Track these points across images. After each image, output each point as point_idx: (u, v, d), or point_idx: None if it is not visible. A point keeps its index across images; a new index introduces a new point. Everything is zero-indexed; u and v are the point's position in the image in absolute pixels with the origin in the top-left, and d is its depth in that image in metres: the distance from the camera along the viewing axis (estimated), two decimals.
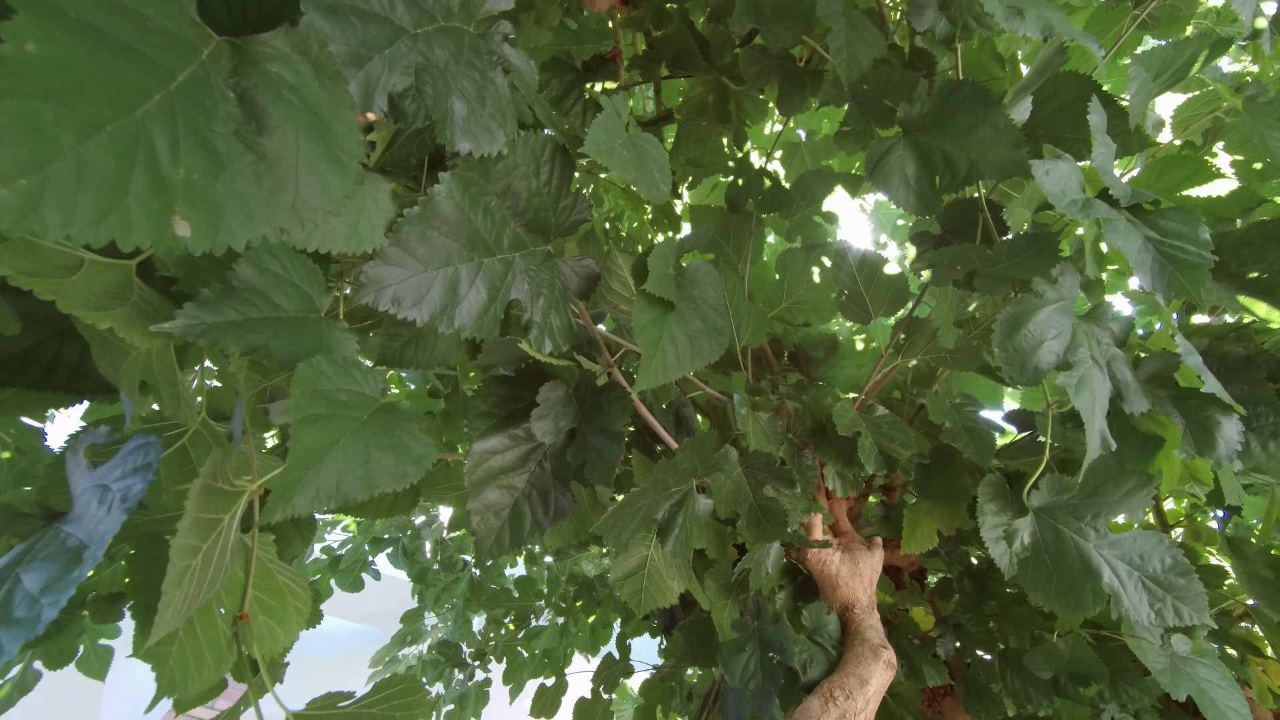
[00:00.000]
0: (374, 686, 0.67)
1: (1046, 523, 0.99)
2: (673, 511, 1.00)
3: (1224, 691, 1.08)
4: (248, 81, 0.42)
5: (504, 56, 0.67)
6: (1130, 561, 0.94)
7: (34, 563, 0.48)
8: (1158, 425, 0.94)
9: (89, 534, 0.49)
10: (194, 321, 0.52)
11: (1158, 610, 0.92)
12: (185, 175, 0.37)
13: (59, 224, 0.32)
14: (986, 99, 0.88)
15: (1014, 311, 0.80)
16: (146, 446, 0.55)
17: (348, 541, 3.07)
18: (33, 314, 0.66)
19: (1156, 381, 0.95)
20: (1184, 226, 0.80)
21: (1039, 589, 0.96)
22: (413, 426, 0.61)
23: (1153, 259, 0.78)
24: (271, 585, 0.69)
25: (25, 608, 0.45)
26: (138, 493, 0.51)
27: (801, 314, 1.58)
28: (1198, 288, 0.76)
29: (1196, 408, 0.91)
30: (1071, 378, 0.77)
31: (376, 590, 3.07)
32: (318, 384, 0.55)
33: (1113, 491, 0.96)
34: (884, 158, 0.94)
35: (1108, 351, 0.86)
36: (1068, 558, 0.95)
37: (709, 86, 1.51)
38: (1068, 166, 0.79)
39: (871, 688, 1.16)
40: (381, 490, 0.56)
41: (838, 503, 1.54)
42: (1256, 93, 1.06)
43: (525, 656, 2.60)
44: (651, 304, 0.80)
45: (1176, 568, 0.94)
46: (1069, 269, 0.86)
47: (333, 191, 0.45)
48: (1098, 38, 1.36)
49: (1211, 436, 0.89)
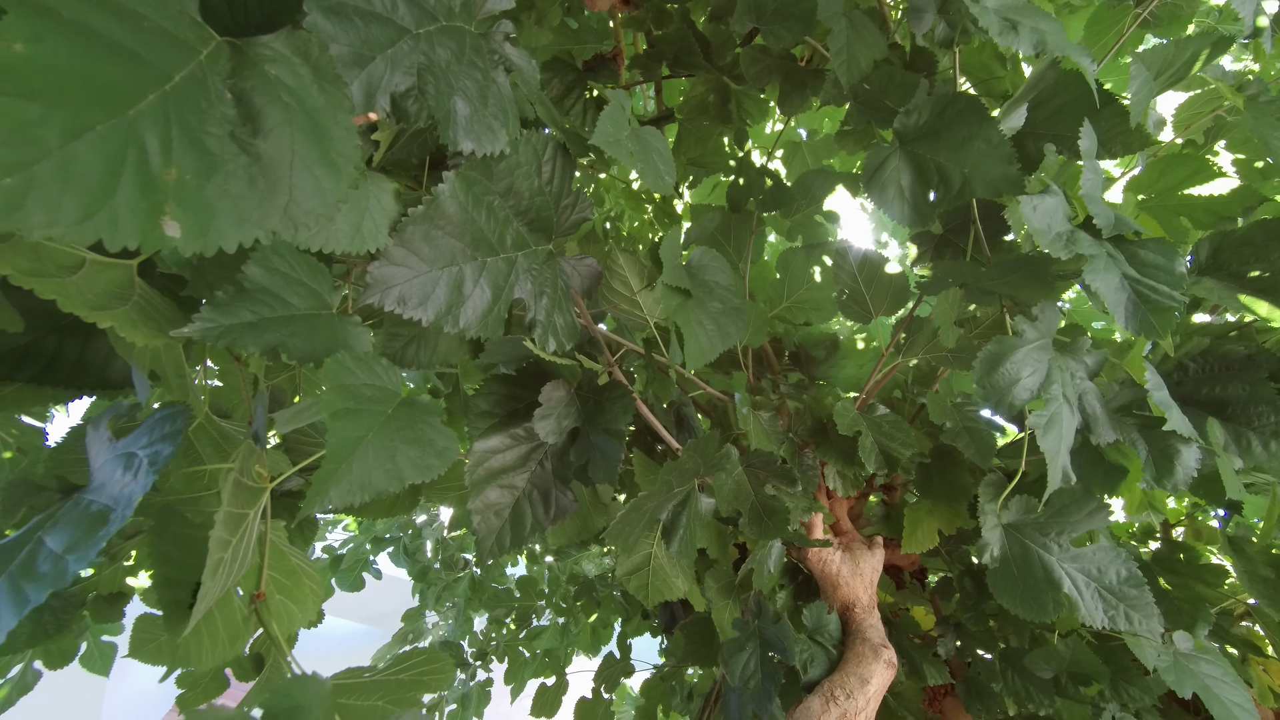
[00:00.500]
0: (396, 658, 0.69)
1: (1015, 537, 1.08)
2: (676, 512, 1.00)
3: (1229, 687, 1.08)
4: (246, 83, 0.42)
5: (505, 56, 0.67)
6: (1089, 574, 1.04)
7: (56, 526, 0.49)
8: (1122, 456, 1.04)
9: (113, 497, 0.50)
10: (211, 324, 0.53)
11: (1111, 616, 1.02)
12: (177, 176, 0.37)
13: (43, 223, 0.32)
14: (981, 113, 0.88)
15: (994, 350, 0.86)
16: (174, 415, 0.56)
17: (349, 541, 3.08)
18: (33, 309, 0.66)
19: (1125, 411, 1.05)
20: (1162, 259, 0.83)
21: (1005, 595, 1.05)
22: (435, 420, 0.61)
23: (1127, 299, 0.82)
24: (286, 567, 0.70)
25: (49, 564, 0.47)
26: (165, 455, 0.52)
27: (802, 313, 1.58)
28: (1167, 330, 0.80)
29: (1161, 436, 1.00)
30: (1041, 418, 0.85)
31: (377, 590, 3.08)
32: (344, 378, 0.56)
33: (1076, 512, 1.06)
34: (880, 168, 0.95)
35: (1080, 385, 0.93)
36: (1033, 569, 1.04)
37: (710, 86, 1.51)
38: (1054, 201, 0.81)
39: (872, 687, 1.16)
40: (410, 482, 0.56)
41: (838, 502, 1.54)
42: (1258, 91, 1.06)
43: (527, 656, 2.60)
44: (673, 294, 0.83)
45: (1130, 579, 1.03)
46: (1049, 306, 0.92)
47: (326, 195, 0.45)
48: (1096, 41, 1.37)
49: (1171, 464, 0.98)
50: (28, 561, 0.47)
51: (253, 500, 0.59)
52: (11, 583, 0.46)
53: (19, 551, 0.48)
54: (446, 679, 0.69)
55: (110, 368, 0.70)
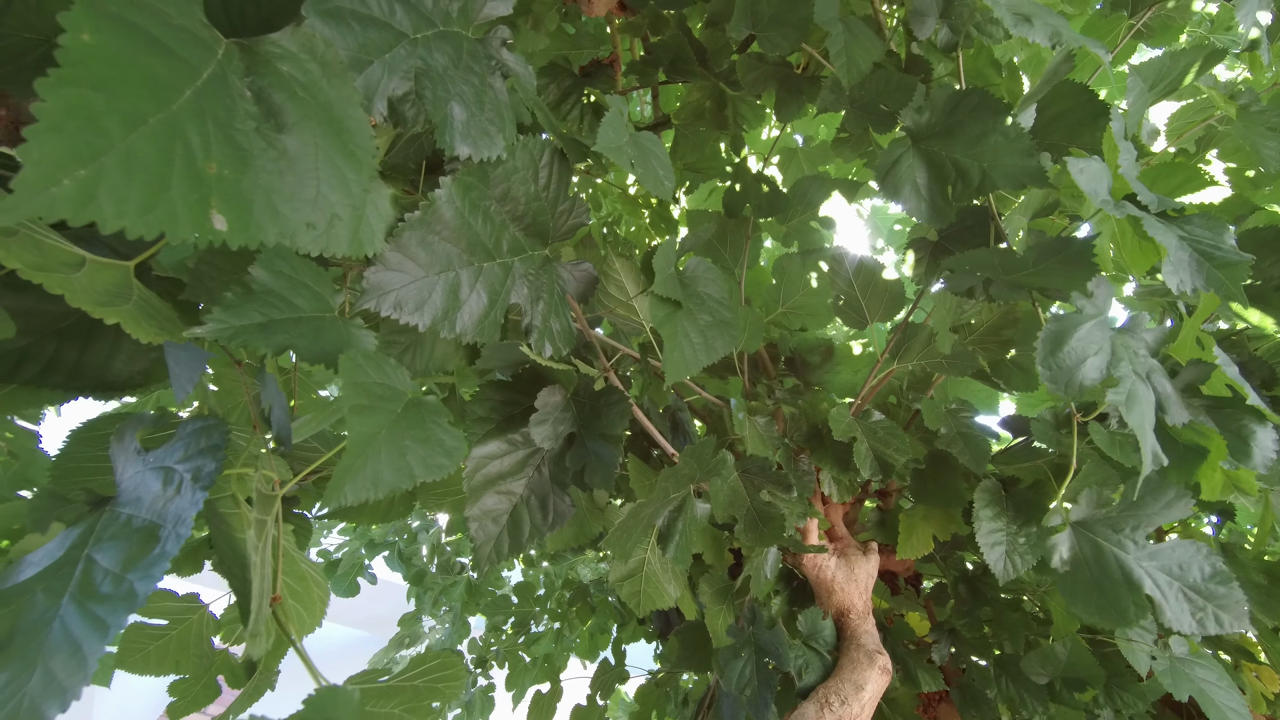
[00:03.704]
0: (411, 661, 0.68)
1: (1085, 536, 0.98)
2: (672, 517, 1.00)
3: (1223, 692, 1.09)
4: (262, 80, 0.42)
5: (502, 61, 0.67)
6: (1170, 572, 0.94)
7: (102, 543, 0.48)
8: (1199, 436, 0.92)
9: (158, 514, 0.49)
10: (223, 325, 0.53)
11: (1199, 619, 0.92)
12: (217, 170, 0.37)
13: (114, 215, 0.32)
14: (996, 107, 0.88)
15: (1055, 329, 0.80)
16: (210, 429, 0.55)
17: (343, 545, 3.06)
18: (30, 311, 0.66)
19: (1190, 392, 0.95)
20: (1210, 232, 0.79)
21: (1080, 602, 0.95)
22: (443, 420, 0.61)
23: (1190, 256, 0.77)
24: (296, 573, 0.71)
25: (111, 585, 0.45)
26: (210, 471, 0.52)
27: (798, 319, 1.59)
28: (1239, 285, 0.75)
29: (1231, 416, 0.91)
30: (1120, 393, 0.77)
31: (370, 595, 3.06)
32: (358, 376, 0.56)
33: (1153, 503, 0.96)
34: (894, 167, 0.94)
35: (1146, 364, 0.85)
36: (1108, 570, 0.94)
37: (706, 92, 1.52)
38: (1099, 166, 0.78)
39: (867, 693, 1.16)
40: (420, 480, 0.57)
41: (833, 508, 1.54)
42: (1249, 101, 1.07)
43: (527, 662, 2.59)
44: (662, 304, 0.82)
45: (1216, 576, 0.93)
46: (1104, 281, 0.85)
47: (351, 186, 0.45)
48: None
49: (1247, 445, 0.89)
50: (86, 583, 0.45)
51: (270, 505, 0.59)
52: (80, 607, 0.44)
53: (70, 571, 0.46)
54: (460, 684, 0.69)
55: (110, 369, 0.69)
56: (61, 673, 0.41)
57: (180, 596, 1.02)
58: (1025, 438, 1.43)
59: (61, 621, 0.43)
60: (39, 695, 0.40)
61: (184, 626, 1.01)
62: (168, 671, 1.01)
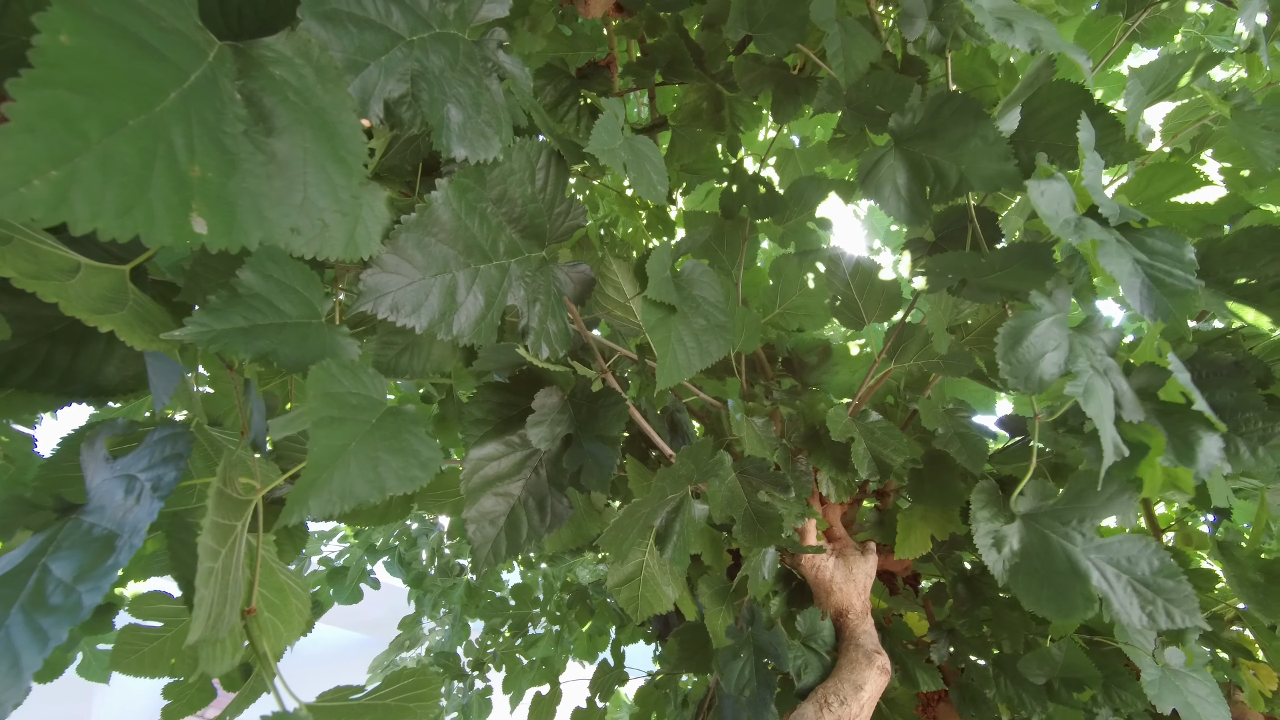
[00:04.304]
0: (385, 679, 0.67)
1: (1033, 528, 0.99)
2: (670, 518, 1.00)
3: (1210, 708, 1.08)
4: (254, 84, 0.42)
5: (499, 63, 0.67)
6: (1118, 565, 0.94)
7: (60, 552, 0.47)
8: (1142, 434, 0.93)
9: (118, 523, 0.49)
10: (203, 328, 0.52)
11: (1149, 612, 0.92)
12: (201, 173, 0.37)
13: (87, 216, 0.32)
14: (977, 111, 0.89)
15: (1014, 325, 0.81)
16: (175, 437, 0.55)
17: (345, 552, 3.05)
18: (23, 315, 0.65)
19: (1142, 394, 0.95)
20: (1170, 246, 0.81)
21: (1029, 594, 0.95)
22: (420, 430, 0.61)
23: (1142, 282, 0.79)
24: (275, 584, 0.69)
25: (61, 595, 0.45)
26: (170, 481, 0.51)
27: (795, 319, 1.59)
28: (1185, 313, 0.77)
29: (1180, 422, 0.91)
30: (1077, 386, 0.78)
31: (370, 598, 3.06)
32: (329, 386, 0.56)
33: (1096, 496, 0.96)
34: (875, 167, 0.95)
35: (1103, 362, 0.87)
36: (1055, 562, 0.94)
37: (703, 93, 1.52)
38: (1061, 186, 0.79)
39: (866, 693, 1.16)
40: (391, 493, 0.56)
41: (831, 508, 1.54)
42: (1244, 100, 1.07)
43: (524, 664, 2.59)
44: (655, 308, 0.81)
45: (1165, 570, 0.94)
46: (1061, 282, 0.87)
47: (340, 192, 0.45)
48: (1086, 49, 1.38)
49: (1192, 450, 0.90)
50: (37, 592, 0.45)
51: (240, 510, 0.58)
52: (27, 618, 0.43)
53: (25, 579, 0.46)
54: (433, 703, 0.67)
55: (102, 374, 0.69)
56: None
57: (175, 599, 1.02)
58: (1022, 437, 1.43)
59: (6, 631, 0.43)
60: None
61: (179, 629, 1.00)
62: (163, 673, 1.00)
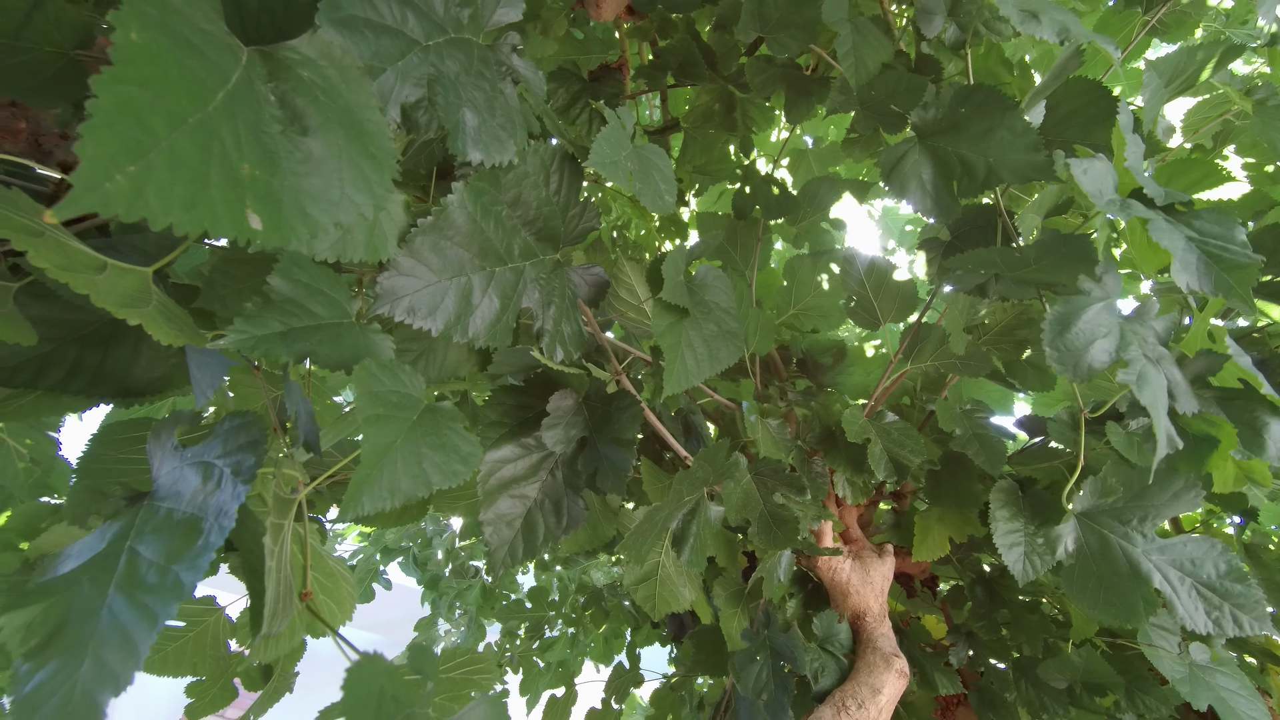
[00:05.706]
0: (443, 653, 0.69)
1: (1090, 528, 0.94)
2: (686, 521, 1.00)
3: (1245, 700, 1.06)
4: (285, 85, 0.43)
5: (513, 67, 0.67)
6: (1182, 567, 0.89)
7: (144, 536, 0.49)
8: (1210, 425, 0.88)
9: (199, 507, 0.50)
10: (245, 335, 0.53)
11: (1215, 619, 0.87)
12: (250, 171, 0.38)
13: (161, 212, 0.33)
14: (1003, 102, 0.87)
15: (1062, 310, 0.78)
16: (247, 425, 0.56)
17: (358, 552, 3.07)
18: (52, 319, 0.67)
19: (1200, 383, 0.91)
20: (1220, 227, 0.77)
21: (1085, 596, 0.91)
22: (458, 425, 0.62)
23: (1198, 258, 0.75)
24: (325, 569, 0.72)
25: (156, 575, 0.46)
26: (250, 466, 0.52)
27: (809, 320, 1.58)
28: (1247, 287, 0.73)
29: (1243, 408, 0.87)
30: (1130, 374, 0.75)
31: (385, 599, 3.08)
32: (372, 385, 0.57)
33: (1160, 493, 0.91)
34: (899, 163, 0.93)
35: (1155, 351, 0.83)
36: (1114, 564, 0.90)
37: (715, 95, 1.52)
38: (1103, 165, 0.77)
39: (884, 697, 1.15)
40: (436, 487, 0.57)
41: (848, 510, 1.53)
42: (1267, 95, 1.05)
43: (541, 667, 2.59)
44: (667, 311, 0.81)
45: (1232, 573, 0.89)
46: (1112, 267, 0.83)
47: (374, 187, 0.46)
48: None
49: (1260, 437, 0.85)
50: (130, 574, 0.46)
51: (289, 507, 0.60)
52: (128, 597, 0.44)
53: (114, 563, 0.47)
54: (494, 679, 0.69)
55: (130, 375, 0.71)
56: (113, 660, 0.42)
57: (197, 599, 1.03)
58: (1041, 438, 1.42)
59: (110, 611, 0.44)
60: (91, 682, 0.40)
61: (201, 629, 1.02)
62: (185, 673, 1.02)
